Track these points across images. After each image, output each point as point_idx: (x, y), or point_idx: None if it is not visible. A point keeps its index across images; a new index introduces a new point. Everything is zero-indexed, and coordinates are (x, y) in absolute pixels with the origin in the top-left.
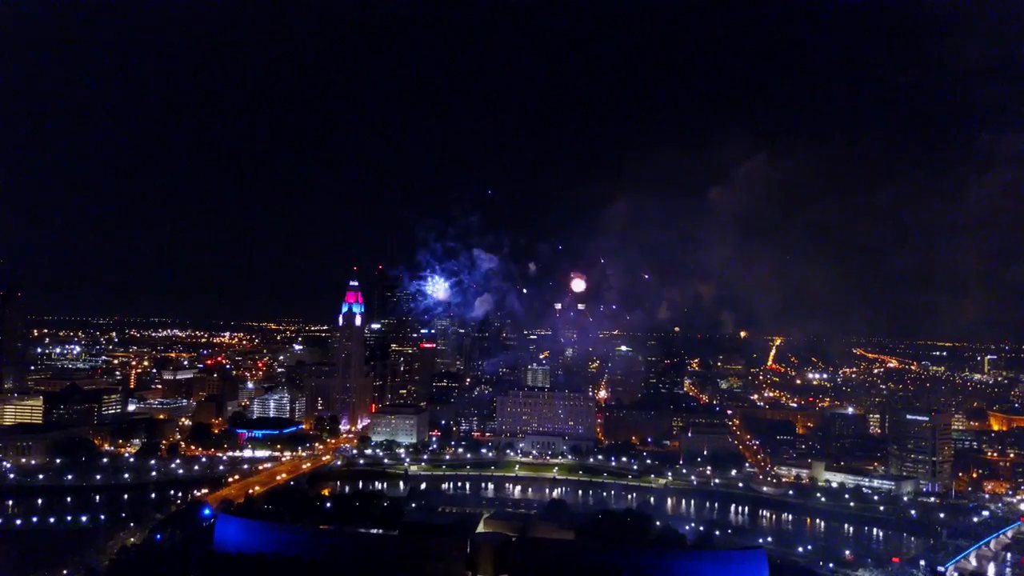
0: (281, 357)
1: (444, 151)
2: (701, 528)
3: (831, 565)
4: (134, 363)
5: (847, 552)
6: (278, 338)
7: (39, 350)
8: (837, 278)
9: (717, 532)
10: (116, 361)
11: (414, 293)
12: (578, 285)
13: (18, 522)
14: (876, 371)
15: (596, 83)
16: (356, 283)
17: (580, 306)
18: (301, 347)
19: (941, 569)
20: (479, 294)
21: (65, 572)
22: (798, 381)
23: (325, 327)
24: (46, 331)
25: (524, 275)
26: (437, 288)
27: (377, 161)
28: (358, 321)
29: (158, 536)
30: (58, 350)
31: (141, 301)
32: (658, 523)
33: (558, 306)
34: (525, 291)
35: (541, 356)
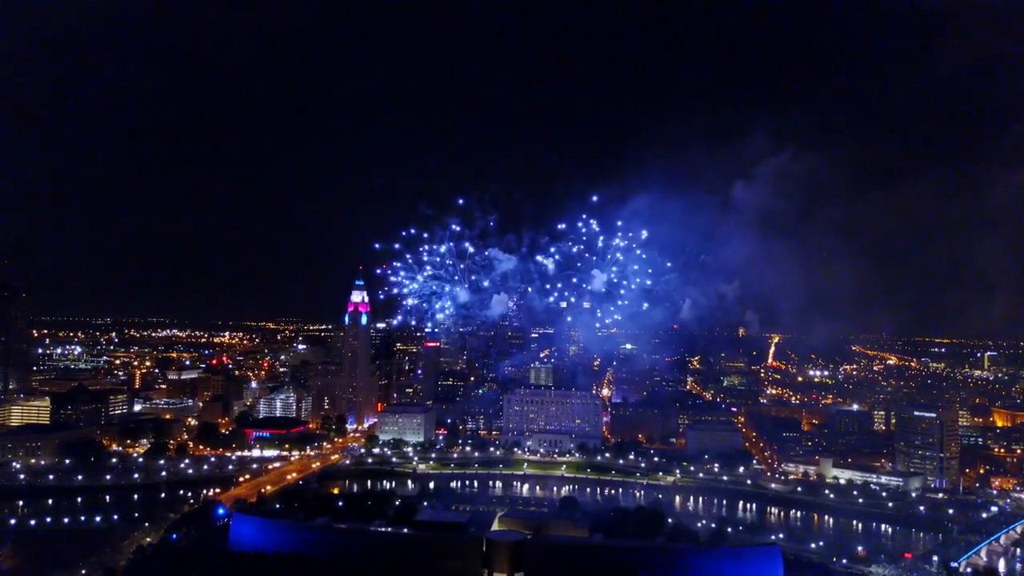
0: (283, 357)
1: (449, 145)
2: (713, 525)
3: (844, 561)
4: (136, 363)
5: (860, 548)
6: (278, 338)
7: (39, 350)
8: (839, 275)
9: (729, 529)
10: (117, 361)
11: (418, 291)
12: (582, 282)
13: (32, 522)
14: (876, 368)
15: (615, 78)
16: (362, 282)
17: (585, 304)
18: (304, 346)
19: (954, 564)
20: (483, 292)
21: (83, 572)
22: (799, 378)
23: (324, 326)
24: (45, 331)
25: (528, 273)
26: (441, 286)
27: (375, 159)
28: (364, 320)
29: (174, 535)
30: (59, 350)
31: (137, 301)
32: (670, 520)
33: (563, 304)
34: (529, 289)
35: (542, 354)
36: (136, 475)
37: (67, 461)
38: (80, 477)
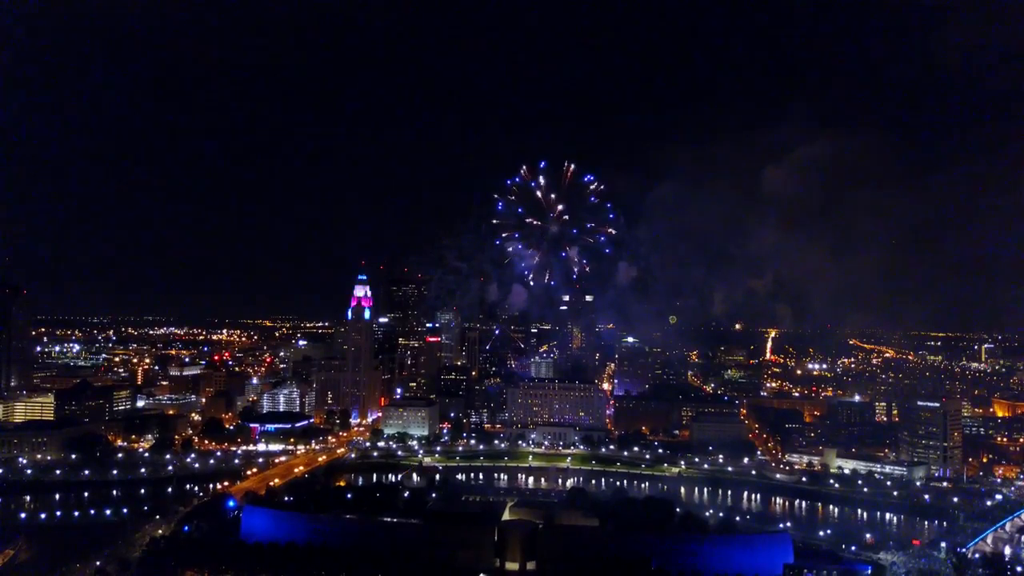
0: (283, 353)
1: (463, 137)
2: (720, 515)
3: (853, 548)
4: (135, 360)
5: (868, 536)
6: (276, 335)
7: (38, 348)
8: (837, 270)
9: (737, 518)
10: (117, 359)
11: (420, 286)
12: (584, 278)
13: (42, 516)
14: (874, 361)
15: (636, 69)
16: (364, 277)
17: (588, 297)
18: (304, 343)
19: (962, 551)
20: (486, 287)
21: (98, 564)
22: (798, 371)
23: (322, 323)
24: (43, 329)
25: (533, 268)
26: (443, 282)
27: (372, 157)
28: (367, 315)
29: (185, 528)
30: (57, 348)
31: (133, 299)
32: (679, 510)
33: (566, 297)
34: (532, 283)
35: (542, 349)
36: (143, 470)
37: (73, 456)
38: (87, 472)
